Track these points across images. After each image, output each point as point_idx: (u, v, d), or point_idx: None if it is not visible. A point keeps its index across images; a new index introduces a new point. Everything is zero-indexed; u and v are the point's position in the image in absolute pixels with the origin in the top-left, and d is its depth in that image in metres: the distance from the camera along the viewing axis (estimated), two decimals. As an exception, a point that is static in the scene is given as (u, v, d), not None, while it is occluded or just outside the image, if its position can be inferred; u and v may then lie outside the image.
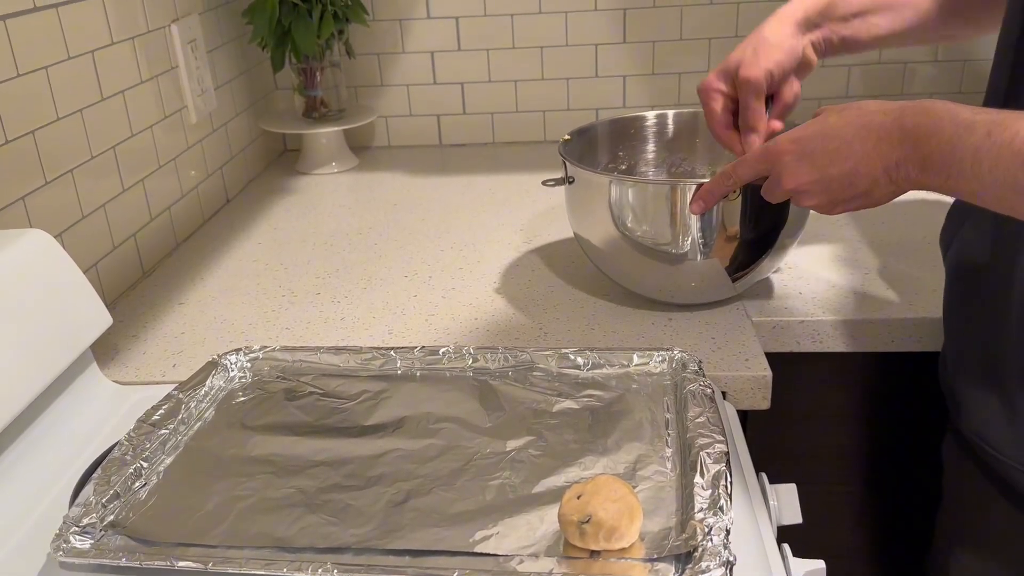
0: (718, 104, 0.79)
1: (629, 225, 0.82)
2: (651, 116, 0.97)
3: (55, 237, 0.84)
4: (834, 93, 1.41)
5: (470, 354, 0.76)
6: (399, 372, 0.75)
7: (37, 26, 0.84)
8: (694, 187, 0.78)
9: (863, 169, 0.61)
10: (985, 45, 1.35)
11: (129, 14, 1.00)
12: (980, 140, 0.54)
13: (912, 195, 1.16)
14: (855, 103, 0.64)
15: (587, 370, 0.74)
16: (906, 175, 0.59)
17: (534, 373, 0.74)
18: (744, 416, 0.83)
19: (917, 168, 0.58)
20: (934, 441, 0.87)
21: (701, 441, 0.61)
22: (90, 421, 0.74)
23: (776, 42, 0.76)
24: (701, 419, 0.64)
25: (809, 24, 0.77)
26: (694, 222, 0.80)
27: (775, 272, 0.94)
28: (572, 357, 0.75)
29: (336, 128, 1.35)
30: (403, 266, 1.02)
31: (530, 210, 1.18)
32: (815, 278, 0.93)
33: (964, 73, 1.39)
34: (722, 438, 0.62)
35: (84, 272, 0.82)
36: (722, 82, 0.78)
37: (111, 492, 0.60)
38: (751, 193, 0.79)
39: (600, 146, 0.97)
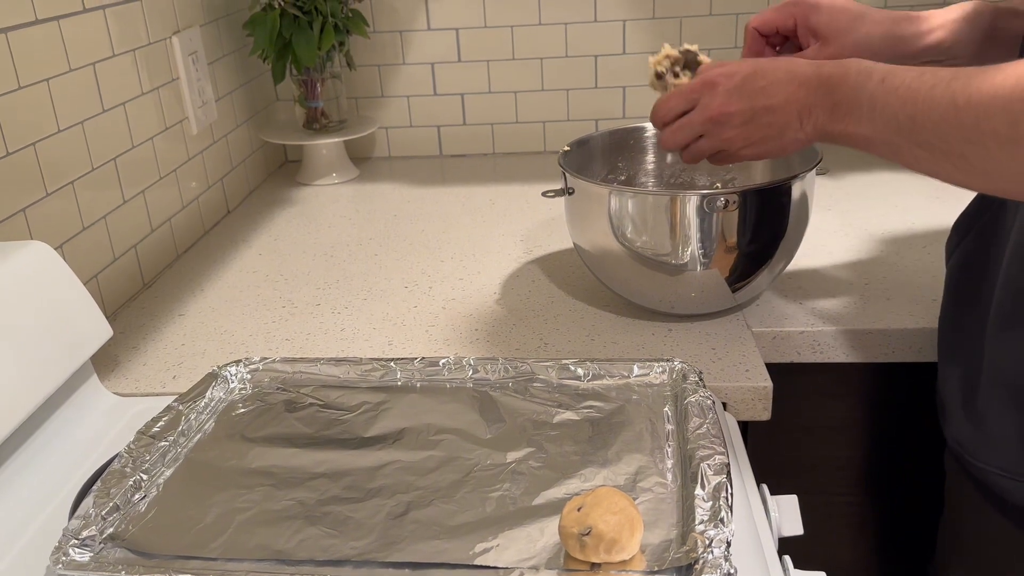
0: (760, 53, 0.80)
1: (629, 236, 0.83)
2: (650, 127, 0.97)
3: (56, 249, 0.85)
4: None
5: (470, 365, 0.76)
6: (399, 383, 0.75)
7: (39, 38, 0.85)
8: (694, 198, 0.79)
9: (782, 109, 0.65)
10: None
11: (130, 26, 1.01)
12: (875, 86, 0.58)
13: (914, 205, 1.16)
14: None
15: (587, 381, 0.74)
16: (816, 121, 0.63)
17: (534, 384, 0.74)
18: (745, 427, 0.83)
19: (826, 114, 0.62)
20: (935, 451, 0.87)
21: (702, 452, 0.61)
22: (90, 433, 0.74)
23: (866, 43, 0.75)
24: (702, 430, 0.64)
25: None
26: (694, 233, 0.80)
27: (775, 282, 0.94)
28: (572, 368, 0.75)
29: (337, 139, 1.35)
30: (403, 277, 1.02)
31: (530, 220, 1.18)
32: (815, 288, 0.93)
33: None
34: (723, 449, 0.62)
35: (85, 283, 0.82)
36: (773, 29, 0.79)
37: (111, 504, 0.60)
38: (750, 204, 0.79)
39: (599, 157, 0.97)
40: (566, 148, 0.91)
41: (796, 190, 0.81)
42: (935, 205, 1.13)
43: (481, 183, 1.35)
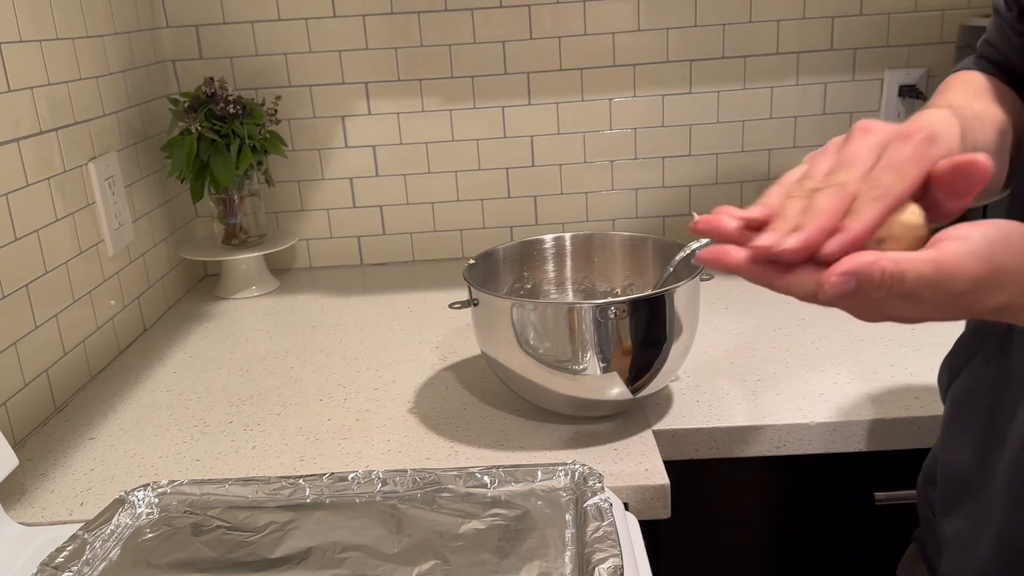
0: None
1: (531, 343, 0.87)
2: (549, 239, 1.03)
3: (-39, 379, 0.84)
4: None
5: (379, 478, 0.77)
6: (308, 500, 0.76)
7: (-50, 173, 0.86)
8: (589, 308, 0.83)
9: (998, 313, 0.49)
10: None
11: (45, 156, 1.03)
12: None
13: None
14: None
15: (494, 488, 0.77)
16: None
17: (442, 495, 0.76)
18: (655, 525, 0.86)
19: None
20: (836, 541, 0.91)
21: (597, 556, 0.64)
22: (-10, 568, 0.73)
23: None
24: (599, 533, 0.67)
25: None
26: (591, 339, 0.85)
27: (674, 381, 0.99)
28: (479, 476, 0.77)
29: (256, 253, 1.38)
30: (318, 389, 1.04)
31: (446, 327, 1.21)
32: (711, 385, 0.98)
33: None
34: (616, 551, 0.64)
35: (-11, 413, 0.82)
36: None
37: (6, 643, 0.59)
38: (640, 311, 0.84)
39: (505, 267, 1.03)
40: (471, 261, 0.96)
41: (682, 296, 0.86)
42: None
43: (400, 291, 1.39)
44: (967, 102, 0.63)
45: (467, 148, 1.47)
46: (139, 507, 0.76)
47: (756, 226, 0.49)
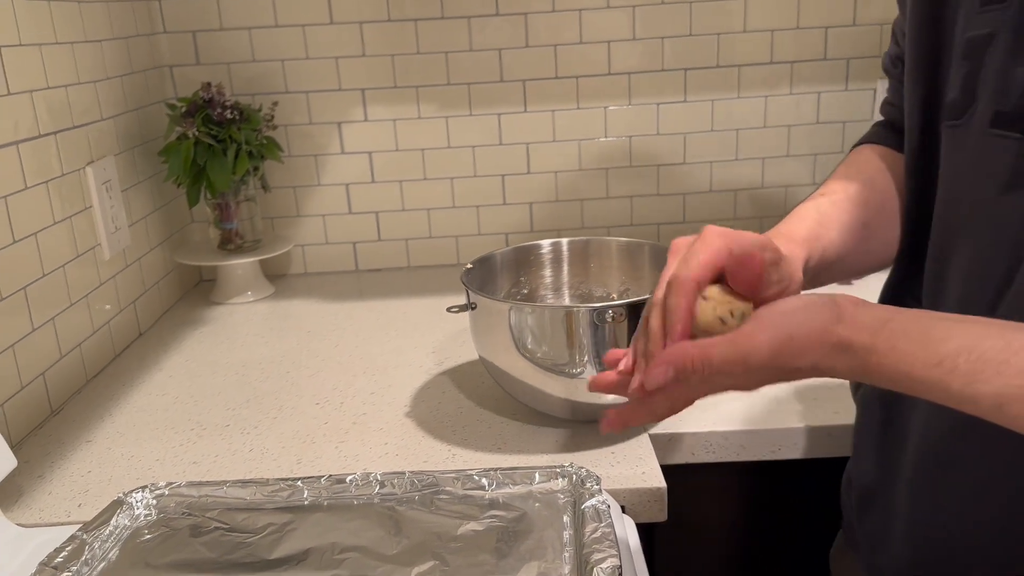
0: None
1: (529, 347, 0.87)
2: (546, 244, 1.04)
3: (-42, 381, 0.84)
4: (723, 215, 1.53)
5: (377, 480, 0.78)
6: (306, 502, 0.77)
7: (-51, 175, 0.87)
8: (586, 312, 0.84)
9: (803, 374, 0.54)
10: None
11: (44, 159, 1.04)
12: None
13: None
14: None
15: (492, 491, 0.77)
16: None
17: (440, 496, 0.77)
18: (651, 528, 0.86)
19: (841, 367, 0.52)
20: (830, 547, 0.91)
21: (596, 557, 0.64)
22: (-13, 569, 0.73)
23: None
24: (597, 535, 0.67)
25: None
26: (588, 343, 0.85)
27: (670, 386, 0.99)
28: (477, 478, 0.77)
29: (252, 259, 1.38)
30: (315, 393, 1.04)
31: (442, 332, 1.22)
32: (707, 390, 0.99)
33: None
34: (615, 552, 0.65)
35: (-13, 415, 0.82)
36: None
37: (5, 643, 0.59)
38: (637, 314, 0.85)
39: (502, 272, 1.03)
40: (469, 266, 0.97)
41: (679, 301, 0.87)
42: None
43: (395, 296, 1.39)
44: (844, 188, 0.73)
45: (463, 155, 1.48)
46: (137, 508, 0.76)
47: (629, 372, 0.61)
